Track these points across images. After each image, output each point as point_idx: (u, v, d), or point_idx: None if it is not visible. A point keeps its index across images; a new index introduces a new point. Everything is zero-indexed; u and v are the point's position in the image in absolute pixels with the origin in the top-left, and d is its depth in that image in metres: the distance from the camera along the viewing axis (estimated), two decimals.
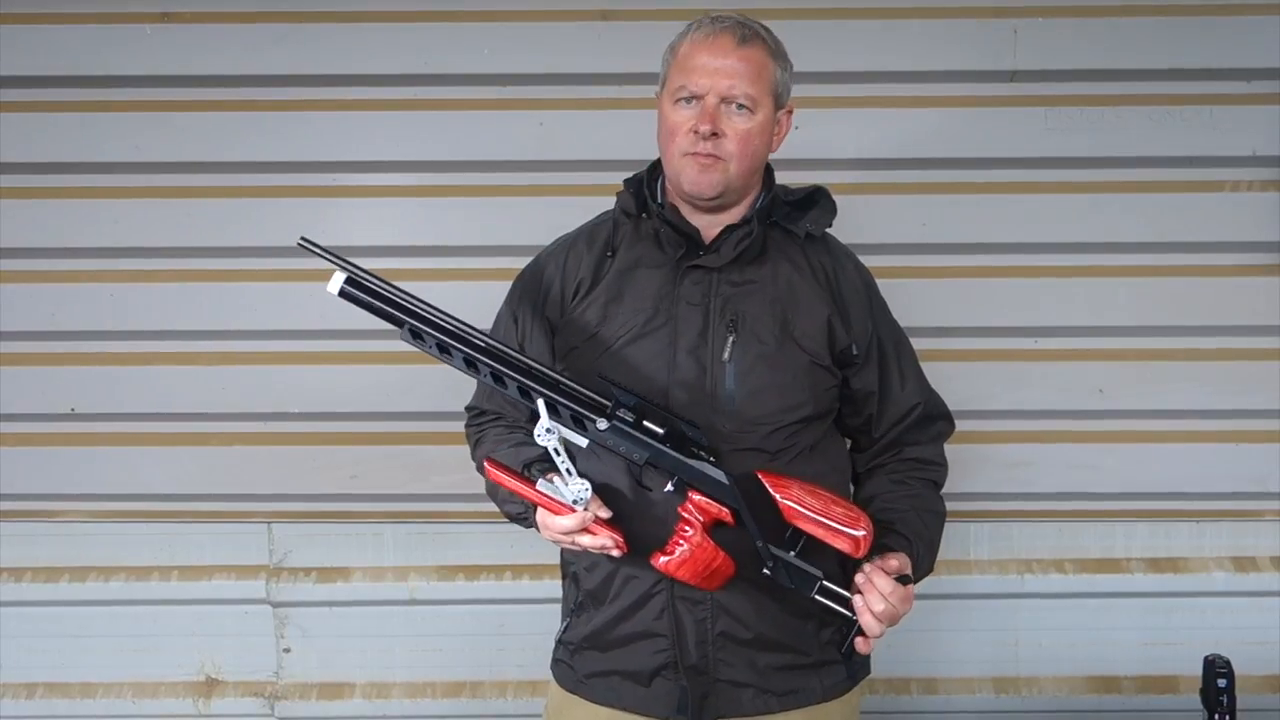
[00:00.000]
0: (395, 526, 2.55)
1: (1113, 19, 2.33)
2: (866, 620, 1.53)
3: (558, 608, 1.80)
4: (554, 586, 1.98)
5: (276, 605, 2.55)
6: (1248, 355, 2.42)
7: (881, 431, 1.71)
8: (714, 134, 1.55)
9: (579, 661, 1.69)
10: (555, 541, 1.58)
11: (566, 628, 1.72)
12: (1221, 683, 2.04)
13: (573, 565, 1.71)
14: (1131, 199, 2.38)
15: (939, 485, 1.74)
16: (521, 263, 1.82)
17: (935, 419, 1.75)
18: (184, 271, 2.42)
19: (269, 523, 2.55)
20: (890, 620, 1.54)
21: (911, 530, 1.62)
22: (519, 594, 2.52)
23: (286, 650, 2.58)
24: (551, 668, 1.76)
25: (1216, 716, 2.04)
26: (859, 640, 1.56)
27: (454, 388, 2.02)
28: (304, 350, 2.45)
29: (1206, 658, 2.07)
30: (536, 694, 2.52)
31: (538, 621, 2.43)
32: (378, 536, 2.55)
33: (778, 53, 1.61)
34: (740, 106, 1.56)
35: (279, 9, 2.34)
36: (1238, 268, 2.39)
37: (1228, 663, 2.05)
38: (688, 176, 1.58)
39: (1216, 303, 2.40)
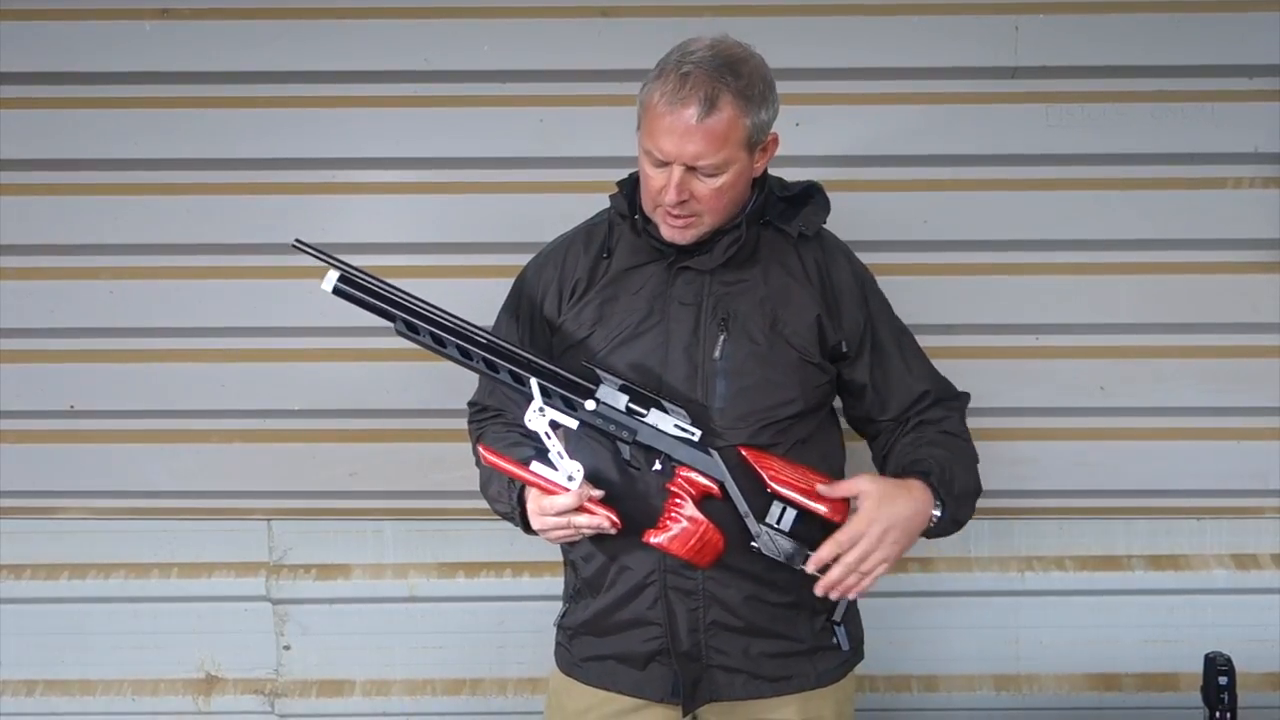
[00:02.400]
0: (395, 524, 2.55)
1: (1114, 15, 2.32)
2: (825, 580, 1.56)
3: (558, 605, 1.81)
4: (554, 584, 1.98)
5: (276, 602, 2.55)
6: (1250, 352, 2.41)
7: (889, 416, 1.74)
8: (682, 201, 1.55)
9: (576, 646, 1.74)
10: (546, 531, 1.60)
11: (565, 613, 1.78)
12: (1222, 680, 2.04)
13: (570, 553, 1.76)
14: (1133, 195, 2.37)
15: (954, 431, 1.73)
16: (521, 259, 1.82)
17: (946, 400, 1.76)
18: (183, 268, 2.42)
19: (269, 520, 2.55)
20: (847, 570, 1.54)
21: (934, 459, 1.63)
22: (519, 591, 2.52)
23: (286, 647, 2.57)
24: (554, 651, 1.80)
25: (1217, 714, 2.04)
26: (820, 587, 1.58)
27: (454, 385, 2.03)
28: (304, 347, 2.44)
29: (1207, 655, 2.06)
30: (537, 691, 2.52)
31: (538, 619, 2.42)
32: (378, 534, 2.55)
33: (752, 98, 1.53)
34: (708, 174, 1.55)
35: (278, 5, 2.33)
36: (1240, 265, 2.39)
37: (1229, 660, 2.04)
38: (663, 230, 1.62)
39: (1218, 300, 2.39)
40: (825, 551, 1.53)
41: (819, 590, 1.56)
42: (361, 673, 2.58)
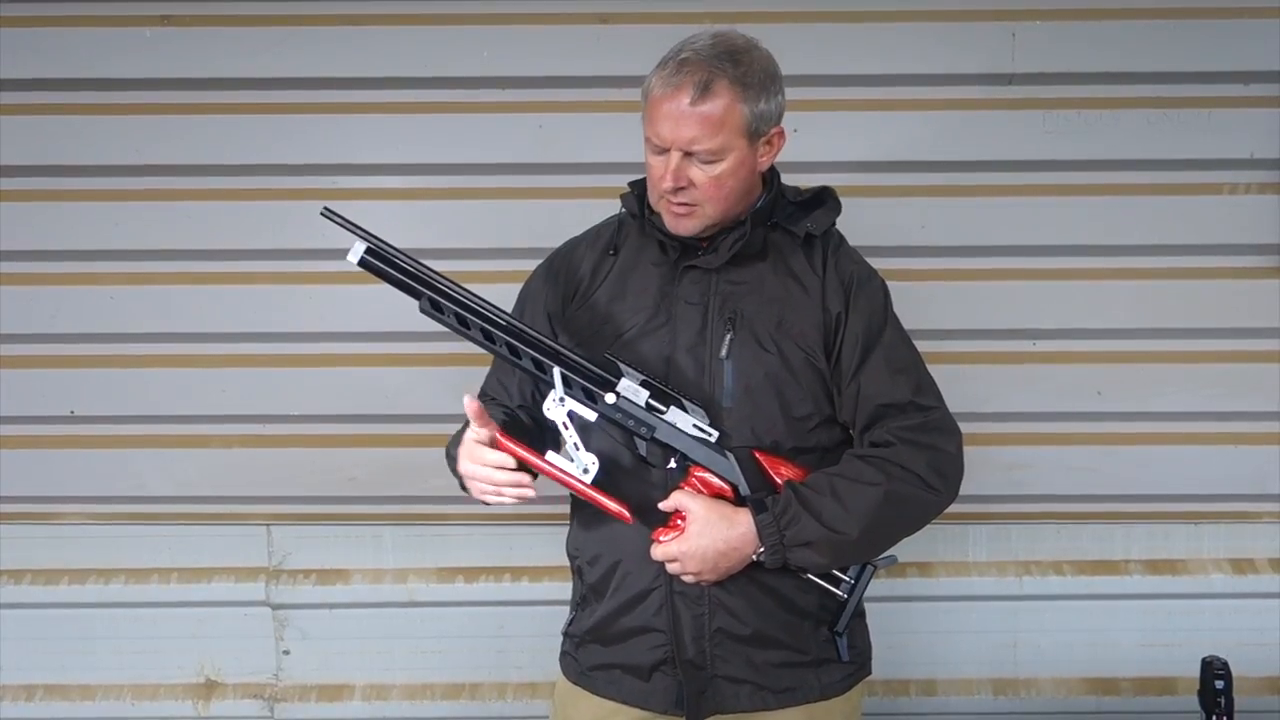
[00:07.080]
0: (394, 528, 2.55)
1: (1111, 21, 2.33)
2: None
3: (557, 609, 1.81)
4: (553, 588, 1.98)
5: (276, 607, 2.56)
6: (1246, 357, 2.42)
7: (850, 420, 1.64)
8: (680, 188, 1.55)
9: (583, 654, 1.73)
10: (472, 478, 1.57)
11: (572, 620, 1.76)
12: (1219, 684, 2.04)
13: (577, 559, 1.74)
14: (1130, 201, 2.38)
15: (876, 464, 1.58)
16: (520, 264, 1.83)
17: (927, 429, 1.61)
18: (183, 274, 2.42)
19: (268, 525, 2.55)
20: (667, 557, 1.57)
21: (802, 490, 1.56)
22: (518, 596, 2.52)
23: (286, 652, 2.58)
24: (560, 659, 1.79)
25: (1214, 718, 2.04)
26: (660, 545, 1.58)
27: (453, 390, 2.02)
28: (304, 353, 2.45)
29: (1204, 659, 2.07)
30: (536, 695, 2.52)
31: (537, 623, 2.44)
32: (377, 538, 2.56)
33: (750, 86, 1.53)
34: (705, 161, 1.55)
35: (278, 13, 2.34)
36: (1236, 270, 2.40)
37: (1225, 664, 2.05)
38: (666, 220, 1.61)
39: (1215, 305, 2.40)
40: (655, 554, 1.57)
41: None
42: (361, 677, 2.58)
